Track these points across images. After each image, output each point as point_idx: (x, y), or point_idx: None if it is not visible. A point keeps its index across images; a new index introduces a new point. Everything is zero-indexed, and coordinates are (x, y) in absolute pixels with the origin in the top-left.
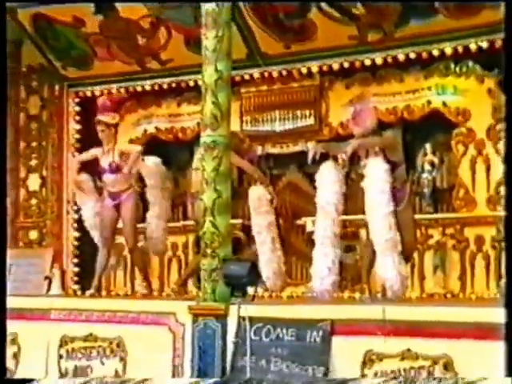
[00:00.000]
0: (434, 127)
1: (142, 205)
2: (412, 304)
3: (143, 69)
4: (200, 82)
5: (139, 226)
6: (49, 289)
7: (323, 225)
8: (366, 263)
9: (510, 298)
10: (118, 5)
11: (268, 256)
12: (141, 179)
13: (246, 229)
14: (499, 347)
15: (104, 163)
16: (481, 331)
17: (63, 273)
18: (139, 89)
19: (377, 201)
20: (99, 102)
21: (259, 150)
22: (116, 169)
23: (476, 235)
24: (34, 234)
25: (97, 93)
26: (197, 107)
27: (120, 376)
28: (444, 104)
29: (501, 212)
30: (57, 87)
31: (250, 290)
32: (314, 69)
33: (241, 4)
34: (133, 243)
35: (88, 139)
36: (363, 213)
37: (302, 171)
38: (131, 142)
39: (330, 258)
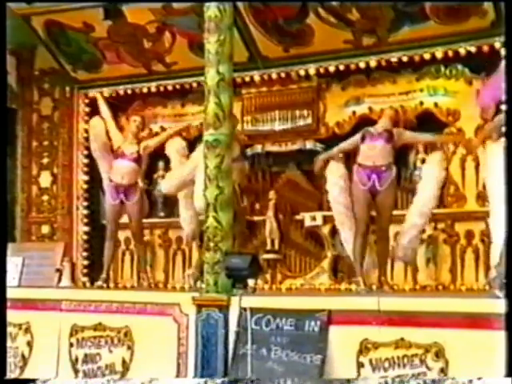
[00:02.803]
0: (425, 127)
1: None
2: (405, 295)
3: (149, 71)
4: (203, 84)
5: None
6: (59, 281)
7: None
8: (358, 256)
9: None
10: (125, 11)
11: None
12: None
13: (250, 224)
14: (488, 336)
15: (126, 150)
16: (470, 321)
17: (73, 265)
18: (145, 90)
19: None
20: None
21: (259, 149)
22: (137, 159)
23: (466, 230)
24: (45, 229)
25: (105, 94)
26: (200, 107)
27: (127, 363)
28: (435, 105)
29: (489, 208)
30: (68, 89)
31: (251, 282)
32: (312, 71)
33: (242, 9)
34: (139, 238)
35: None
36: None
37: (301, 168)
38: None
39: None
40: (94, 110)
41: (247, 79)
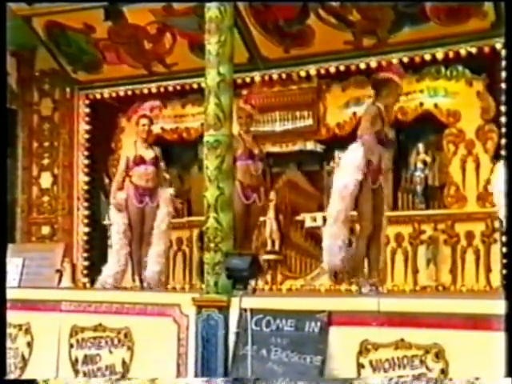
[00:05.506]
0: (426, 128)
1: None
2: (405, 296)
3: (149, 72)
4: (203, 85)
5: None
6: (60, 281)
7: (336, 207)
8: (361, 256)
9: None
10: (126, 12)
11: None
12: None
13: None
14: (488, 337)
15: (146, 156)
16: (471, 322)
17: (73, 266)
18: (146, 91)
19: None
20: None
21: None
22: (155, 163)
23: (466, 230)
24: (46, 230)
25: (105, 95)
26: (200, 108)
27: (127, 364)
28: (435, 106)
29: (490, 208)
30: (68, 90)
31: (251, 283)
32: (312, 72)
33: (242, 10)
34: (148, 239)
35: (97, 139)
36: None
37: (301, 169)
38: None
39: (341, 238)
40: (93, 111)
41: (248, 80)
